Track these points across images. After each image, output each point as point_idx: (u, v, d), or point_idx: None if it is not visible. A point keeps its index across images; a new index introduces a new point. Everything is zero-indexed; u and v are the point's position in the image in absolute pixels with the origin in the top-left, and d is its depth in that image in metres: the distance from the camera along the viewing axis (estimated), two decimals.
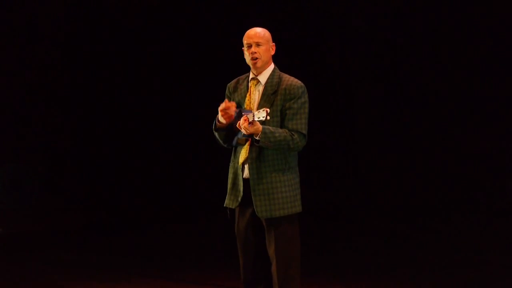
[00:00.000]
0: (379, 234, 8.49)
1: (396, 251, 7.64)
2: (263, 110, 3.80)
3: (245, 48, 4.13)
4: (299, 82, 4.11)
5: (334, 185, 9.83)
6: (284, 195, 4.02)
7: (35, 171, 10.82)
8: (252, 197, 4.02)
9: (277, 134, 3.93)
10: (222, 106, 3.99)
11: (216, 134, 4.13)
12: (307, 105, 4.09)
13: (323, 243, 8.16)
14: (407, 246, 7.84)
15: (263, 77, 4.13)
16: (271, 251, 4.02)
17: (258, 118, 3.81)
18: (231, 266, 4.23)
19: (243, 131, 3.88)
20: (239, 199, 4.07)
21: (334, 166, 9.89)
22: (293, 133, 3.99)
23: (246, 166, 4.06)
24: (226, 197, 4.15)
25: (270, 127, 3.95)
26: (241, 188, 4.06)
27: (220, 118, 4.02)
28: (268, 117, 3.81)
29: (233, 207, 4.11)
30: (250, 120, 3.82)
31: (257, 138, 3.90)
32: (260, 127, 3.87)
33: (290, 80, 4.11)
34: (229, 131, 4.07)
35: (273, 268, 4.02)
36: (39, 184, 10.84)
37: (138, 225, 9.87)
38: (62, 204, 10.66)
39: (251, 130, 3.85)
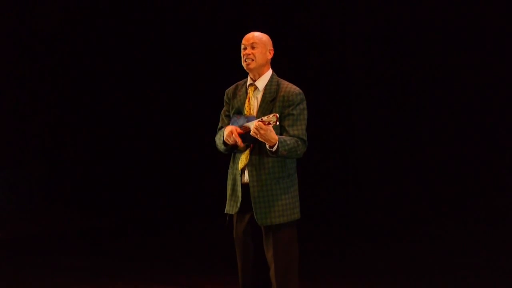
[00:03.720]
0: (378, 238, 8.48)
1: (395, 254, 7.64)
2: (273, 115, 3.79)
3: (242, 51, 4.13)
4: (298, 88, 4.10)
5: (332, 188, 9.82)
6: (284, 202, 4.03)
7: (33, 175, 10.81)
8: (252, 204, 4.02)
9: (288, 142, 3.94)
10: (231, 133, 3.97)
11: (222, 147, 4.13)
12: (306, 111, 4.09)
13: (321, 246, 8.15)
14: (406, 249, 7.84)
15: (261, 83, 4.11)
16: (269, 256, 4.03)
17: (269, 122, 3.80)
18: (229, 271, 4.23)
19: (254, 131, 3.82)
20: (238, 204, 4.07)
21: (332, 170, 9.88)
22: (297, 139, 3.99)
23: (245, 172, 4.06)
24: (226, 203, 4.15)
25: (281, 136, 3.94)
26: (240, 194, 4.05)
27: (226, 139, 4.01)
28: (278, 123, 3.81)
29: (233, 213, 4.11)
30: (267, 123, 3.80)
31: (273, 149, 3.88)
32: (276, 136, 3.86)
33: (288, 87, 4.10)
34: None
35: (272, 272, 4.03)
36: (37, 188, 10.82)
37: (136, 229, 9.85)
38: (61, 208, 10.65)
39: (266, 129, 3.82)
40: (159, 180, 10.94)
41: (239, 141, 3.95)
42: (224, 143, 4.07)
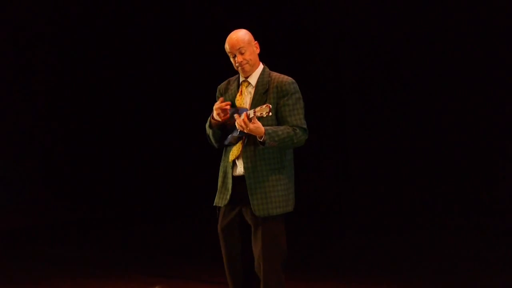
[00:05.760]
0: (371, 232, 8.50)
1: (388, 248, 7.65)
2: (266, 106, 3.76)
3: (230, 58, 4.08)
4: (290, 78, 4.07)
5: (326, 183, 9.82)
6: (280, 194, 4.00)
7: (25, 167, 10.77)
8: (249, 196, 3.97)
9: (280, 132, 3.89)
10: (217, 104, 3.97)
11: (210, 132, 4.09)
12: (301, 100, 4.07)
13: (315, 241, 8.16)
14: (399, 244, 7.85)
15: (254, 79, 4.08)
16: (257, 249, 3.95)
17: (261, 113, 3.76)
18: (220, 262, 4.24)
19: (240, 126, 3.81)
20: (228, 197, 4.02)
21: (325, 164, 9.89)
22: (295, 128, 3.95)
23: (236, 163, 4.02)
24: (216, 195, 4.11)
25: (272, 127, 3.92)
26: (230, 186, 4.02)
27: (215, 116, 3.98)
28: (271, 113, 3.77)
29: (222, 205, 4.06)
30: (251, 116, 3.77)
31: (261, 140, 3.85)
32: (263, 128, 3.83)
33: (280, 77, 4.07)
34: (223, 130, 4.03)
35: (258, 266, 3.96)
36: (28, 180, 10.78)
37: (128, 221, 9.85)
38: (52, 200, 10.62)
39: (251, 127, 3.80)
40: (152, 172, 10.91)
41: (228, 108, 3.91)
42: (210, 125, 4.04)
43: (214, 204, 4.11)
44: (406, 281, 6.18)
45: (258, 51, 4.09)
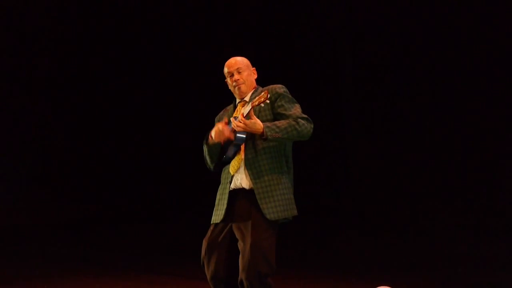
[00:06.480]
0: (371, 232, 8.50)
1: (387, 248, 7.66)
2: (264, 93, 3.80)
3: (227, 78, 4.13)
4: (279, 84, 4.10)
5: (326, 183, 9.83)
6: (286, 197, 4.00)
7: (23, 164, 10.77)
8: (258, 200, 3.93)
9: (279, 124, 3.90)
10: (218, 127, 3.97)
11: (206, 150, 4.10)
12: (294, 100, 4.08)
13: (314, 240, 8.16)
14: (399, 243, 7.85)
15: (248, 97, 4.14)
16: (245, 262, 3.85)
17: (259, 101, 3.78)
18: None
19: (237, 127, 3.81)
20: (223, 212, 3.99)
21: (325, 164, 9.90)
22: (295, 119, 3.95)
23: (235, 177, 4.01)
24: (213, 214, 4.07)
25: (271, 122, 3.92)
26: (226, 201, 4.00)
27: (214, 138, 3.99)
28: (268, 101, 3.79)
29: (219, 222, 4.04)
30: (246, 113, 3.78)
31: (264, 136, 3.86)
32: (261, 124, 3.84)
33: (270, 86, 4.12)
34: (221, 149, 4.06)
35: (242, 279, 3.87)
36: (28, 180, 10.78)
37: (128, 221, 9.84)
38: (50, 198, 10.61)
39: (248, 122, 3.80)
40: (150, 171, 10.91)
41: (227, 131, 3.91)
42: (207, 142, 4.05)
43: (211, 222, 4.08)
44: (406, 281, 6.18)
45: (255, 76, 4.18)
